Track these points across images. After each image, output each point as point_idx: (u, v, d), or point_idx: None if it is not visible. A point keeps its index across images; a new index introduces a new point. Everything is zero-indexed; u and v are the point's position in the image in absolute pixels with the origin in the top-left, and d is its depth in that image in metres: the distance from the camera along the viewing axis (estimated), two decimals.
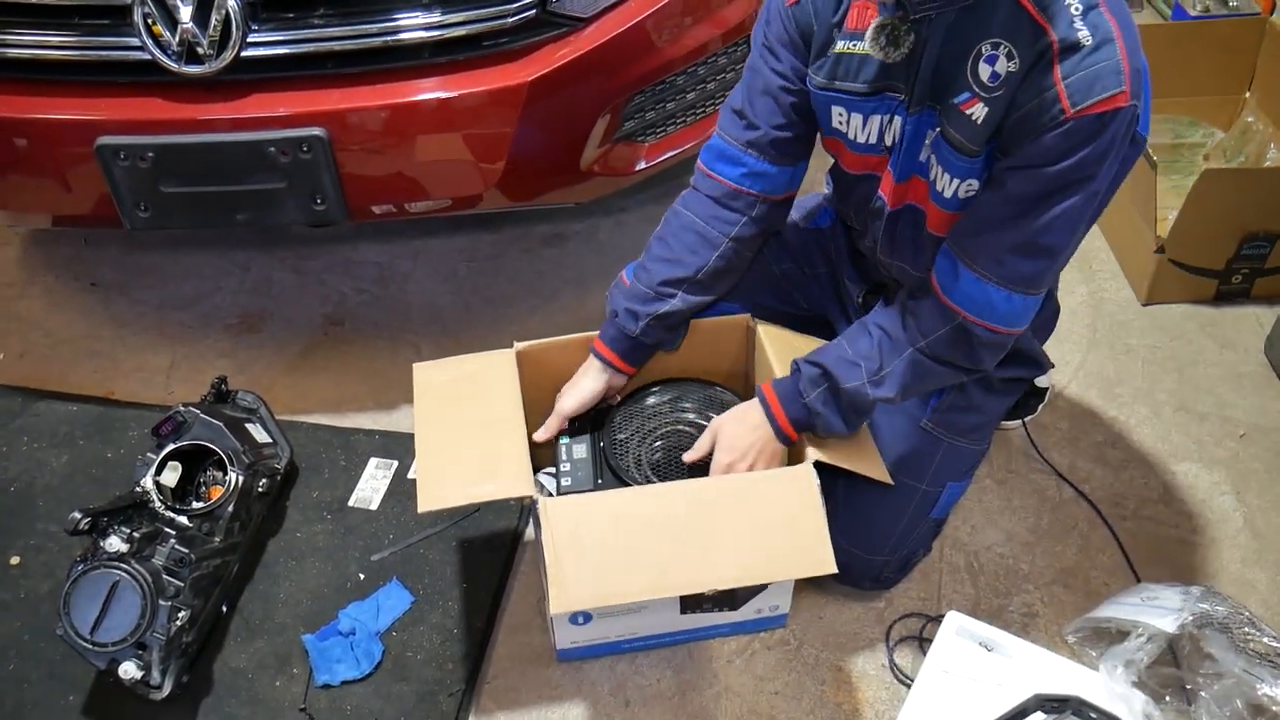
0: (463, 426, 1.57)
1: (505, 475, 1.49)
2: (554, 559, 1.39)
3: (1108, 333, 2.22)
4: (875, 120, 1.44)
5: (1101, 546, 1.82)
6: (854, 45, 1.40)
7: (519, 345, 1.66)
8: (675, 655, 1.67)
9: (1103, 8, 1.25)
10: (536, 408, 1.68)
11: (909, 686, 1.60)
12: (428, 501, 1.48)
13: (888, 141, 1.45)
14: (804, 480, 1.46)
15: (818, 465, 1.48)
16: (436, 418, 1.59)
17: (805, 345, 1.64)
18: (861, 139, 1.47)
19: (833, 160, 1.61)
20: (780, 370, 1.59)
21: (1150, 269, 2.22)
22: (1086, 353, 2.17)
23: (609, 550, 1.42)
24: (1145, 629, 1.52)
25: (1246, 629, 1.49)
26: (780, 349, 1.64)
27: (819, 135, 1.57)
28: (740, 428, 1.54)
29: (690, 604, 1.60)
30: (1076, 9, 1.24)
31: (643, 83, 1.83)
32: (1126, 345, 2.19)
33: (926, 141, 1.40)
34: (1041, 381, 1.98)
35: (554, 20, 1.72)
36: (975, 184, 1.38)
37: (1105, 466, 1.95)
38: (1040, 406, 2.01)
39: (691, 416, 1.70)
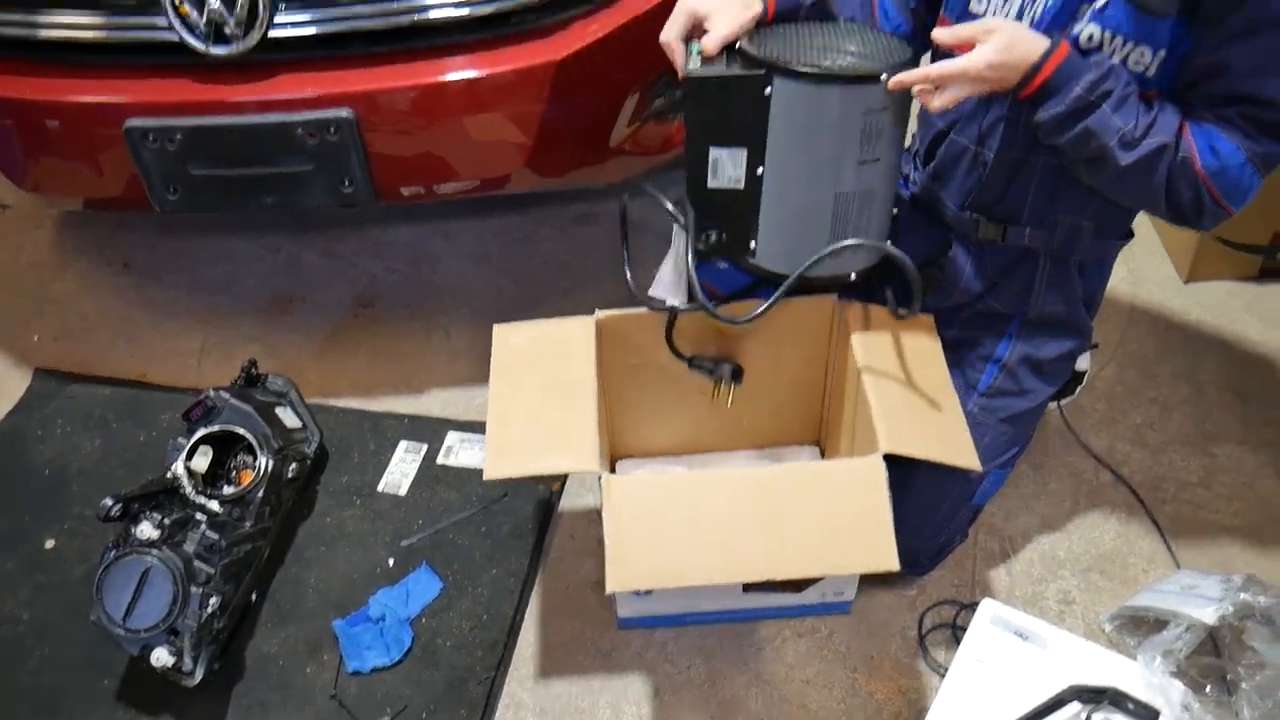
0: (536, 393, 1.55)
1: (574, 449, 1.47)
2: (614, 536, 1.38)
3: (1148, 311, 2.17)
4: None
5: (1140, 532, 1.79)
6: None
7: (600, 313, 1.63)
8: (705, 642, 1.66)
9: None
10: (612, 377, 1.68)
11: (942, 676, 1.58)
12: (494, 470, 1.47)
13: (1025, 22, 1.41)
14: (872, 473, 1.42)
15: (890, 462, 1.43)
16: (511, 382, 1.57)
17: (887, 318, 1.60)
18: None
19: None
20: (865, 349, 1.56)
21: (1192, 245, 2.17)
22: (1125, 332, 2.13)
23: (669, 531, 1.40)
24: (1184, 619, 1.49)
25: None
26: (866, 327, 1.61)
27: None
28: (1019, 48, 1.32)
29: (753, 584, 1.58)
30: None
31: None
32: (1167, 324, 2.14)
33: (1079, 15, 1.36)
34: (1080, 364, 1.94)
35: None
36: (1147, 53, 1.34)
37: (1144, 449, 1.91)
38: (1078, 389, 1.97)
39: (851, 56, 1.45)
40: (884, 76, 1.35)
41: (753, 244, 1.50)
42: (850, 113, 1.37)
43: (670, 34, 1.48)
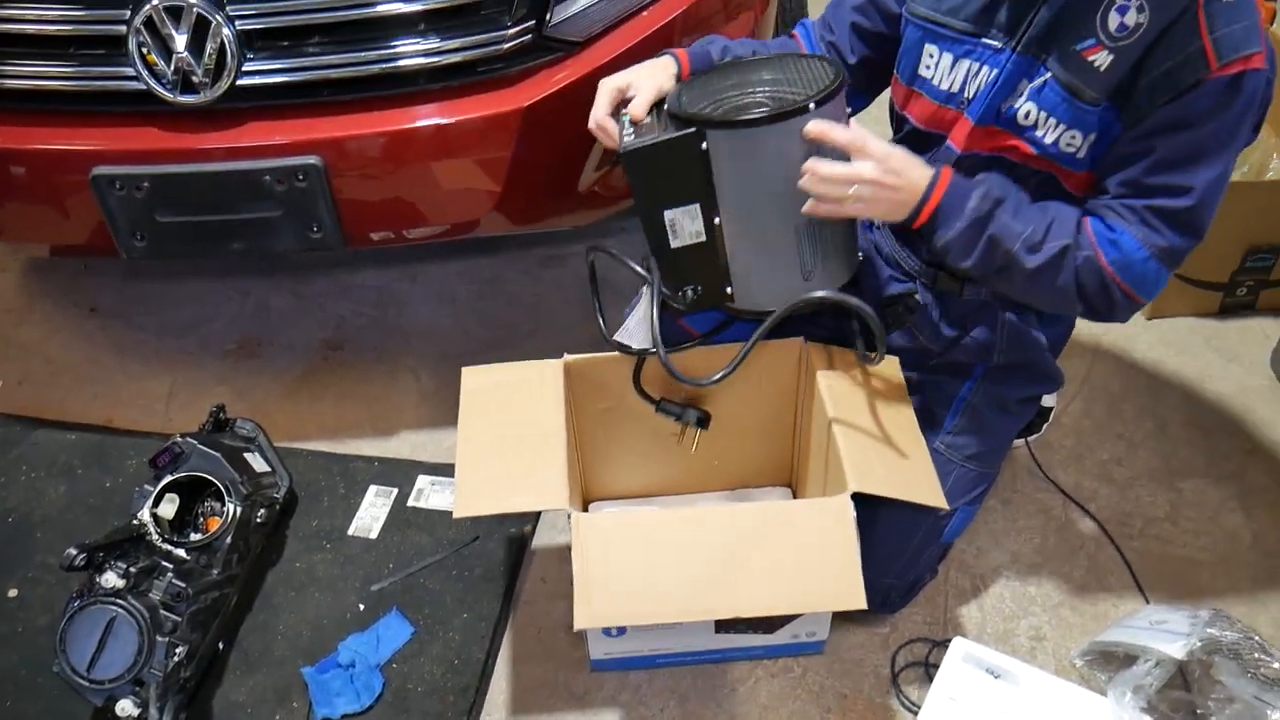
0: (504, 434, 1.56)
1: (543, 487, 1.48)
2: (582, 574, 1.38)
3: (1112, 348, 2.20)
4: (964, 65, 1.45)
5: (1109, 567, 1.80)
6: None
7: (568, 357, 1.64)
8: (679, 683, 1.65)
9: None
10: (582, 421, 1.69)
11: (916, 714, 1.58)
12: (463, 508, 1.48)
13: (968, 93, 1.45)
14: (840, 512, 1.43)
15: (860, 500, 1.44)
16: (479, 423, 1.58)
17: (853, 359, 1.62)
18: (945, 85, 1.48)
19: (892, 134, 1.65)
20: (831, 391, 1.58)
21: None
22: (1091, 368, 2.15)
23: (637, 569, 1.40)
24: (1154, 654, 1.50)
25: (1257, 654, 1.47)
26: (833, 369, 1.62)
27: (893, 94, 1.58)
28: (912, 162, 1.40)
29: (725, 624, 1.58)
30: None
31: None
32: (1131, 360, 2.17)
33: (1019, 90, 1.40)
34: (1046, 400, 1.96)
35: (549, 45, 1.71)
36: (1078, 136, 1.38)
37: (1111, 485, 1.93)
38: (1045, 426, 1.99)
39: (767, 86, 1.47)
40: (812, 106, 1.36)
41: (729, 289, 1.52)
42: (789, 147, 1.39)
43: (598, 114, 1.52)
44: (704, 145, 1.39)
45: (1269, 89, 1.30)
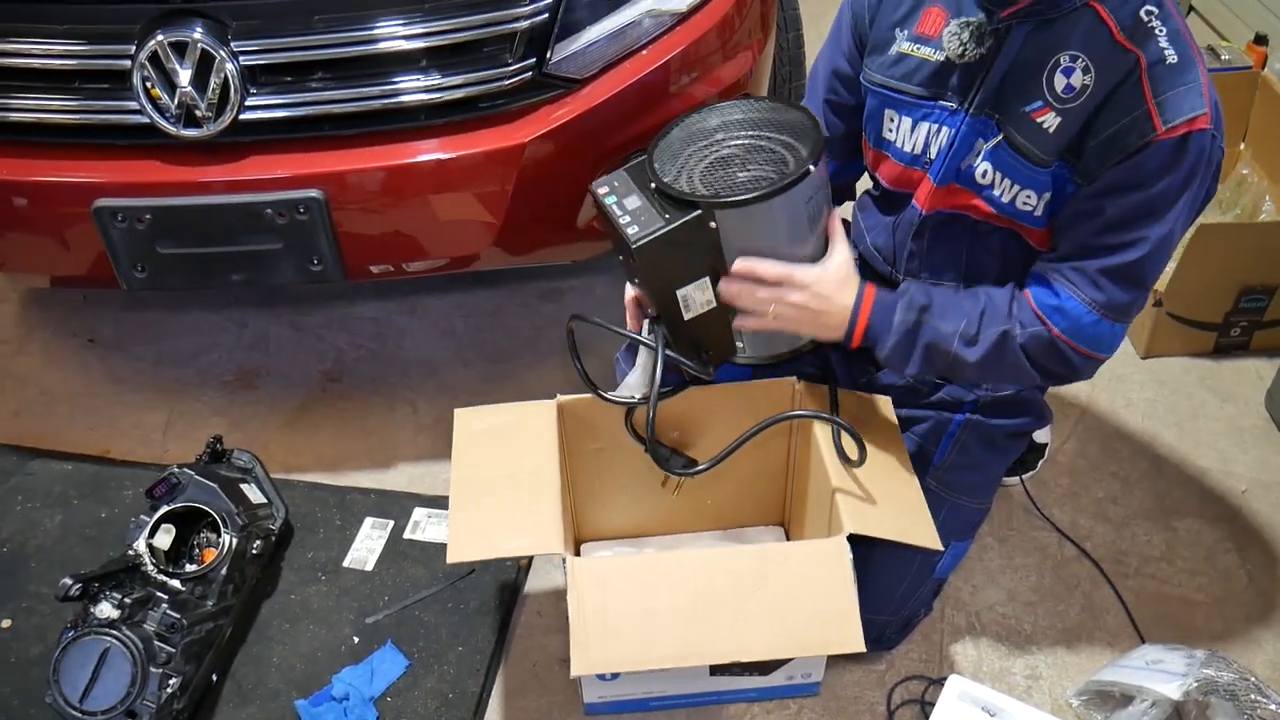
0: (498, 476, 1.56)
1: (537, 531, 1.47)
2: (578, 620, 1.37)
3: (1107, 387, 2.21)
4: (924, 128, 1.47)
5: (1105, 606, 1.80)
6: (918, 48, 1.45)
7: (561, 398, 1.64)
8: None
9: (1185, 34, 1.30)
10: (575, 462, 1.69)
11: None
12: (457, 553, 1.47)
13: (932, 153, 1.47)
14: (836, 554, 1.43)
15: (851, 538, 1.44)
16: (473, 466, 1.58)
17: (845, 399, 1.63)
18: (908, 148, 1.50)
19: (867, 188, 1.67)
20: (824, 431, 1.58)
21: (1148, 322, 2.22)
22: (1086, 407, 2.16)
23: (634, 614, 1.40)
24: (1150, 694, 1.50)
25: (1253, 695, 1.47)
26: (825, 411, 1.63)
27: (864, 155, 1.61)
28: (834, 296, 1.43)
29: (720, 667, 1.58)
30: (1161, 30, 1.29)
31: (639, 142, 1.83)
32: (1126, 399, 2.18)
33: (976, 150, 1.42)
34: (1040, 437, 1.97)
35: (550, 82, 1.73)
36: (1033, 196, 1.40)
37: (1107, 523, 1.93)
38: (1040, 463, 2.00)
39: (746, 131, 1.48)
40: (812, 167, 1.37)
41: (740, 344, 1.54)
42: (794, 210, 1.41)
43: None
44: (713, 223, 1.40)
45: (1215, 146, 1.32)
